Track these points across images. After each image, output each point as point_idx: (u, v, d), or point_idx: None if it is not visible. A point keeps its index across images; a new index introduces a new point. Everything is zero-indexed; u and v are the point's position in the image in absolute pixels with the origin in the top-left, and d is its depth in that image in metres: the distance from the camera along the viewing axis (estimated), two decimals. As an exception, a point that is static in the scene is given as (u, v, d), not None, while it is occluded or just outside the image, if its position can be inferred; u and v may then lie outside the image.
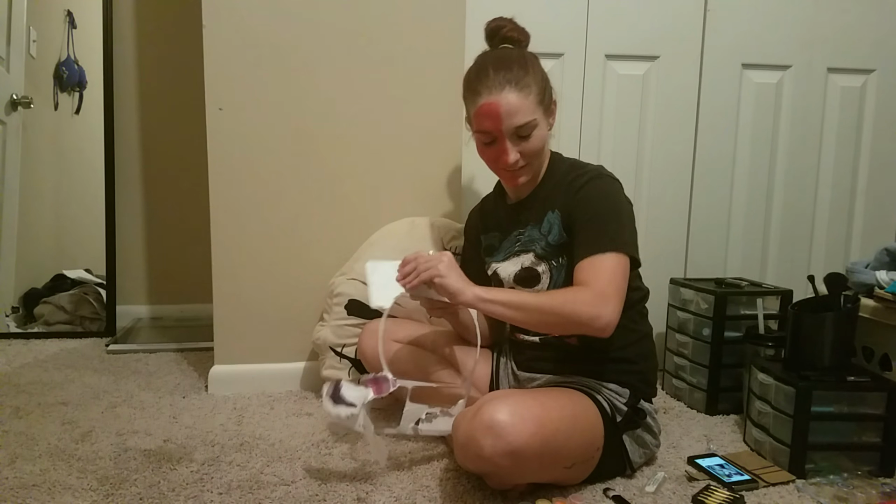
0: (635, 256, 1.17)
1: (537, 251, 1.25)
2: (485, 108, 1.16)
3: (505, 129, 1.16)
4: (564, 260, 1.22)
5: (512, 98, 1.15)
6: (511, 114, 1.15)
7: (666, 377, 1.73)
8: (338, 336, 1.53)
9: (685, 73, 1.78)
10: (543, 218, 1.25)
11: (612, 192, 1.19)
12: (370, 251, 1.59)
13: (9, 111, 2.17)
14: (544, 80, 1.21)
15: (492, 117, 1.16)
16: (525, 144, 1.18)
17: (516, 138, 1.18)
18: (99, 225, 2.24)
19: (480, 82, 1.18)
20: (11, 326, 2.17)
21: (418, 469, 1.21)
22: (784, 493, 1.16)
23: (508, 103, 1.15)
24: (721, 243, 1.86)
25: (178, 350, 2.01)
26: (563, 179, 1.24)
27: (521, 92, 1.15)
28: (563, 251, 1.21)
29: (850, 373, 1.26)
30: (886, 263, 1.40)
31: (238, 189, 1.61)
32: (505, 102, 1.15)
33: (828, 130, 1.87)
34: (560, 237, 1.21)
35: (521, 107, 1.15)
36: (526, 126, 1.16)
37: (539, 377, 1.29)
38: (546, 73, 1.23)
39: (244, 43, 1.57)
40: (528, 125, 1.16)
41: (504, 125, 1.16)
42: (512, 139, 1.18)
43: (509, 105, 1.15)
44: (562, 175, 1.25)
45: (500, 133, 1.17)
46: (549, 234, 1.23)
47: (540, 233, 1.25)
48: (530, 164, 1.22)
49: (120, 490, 1.10)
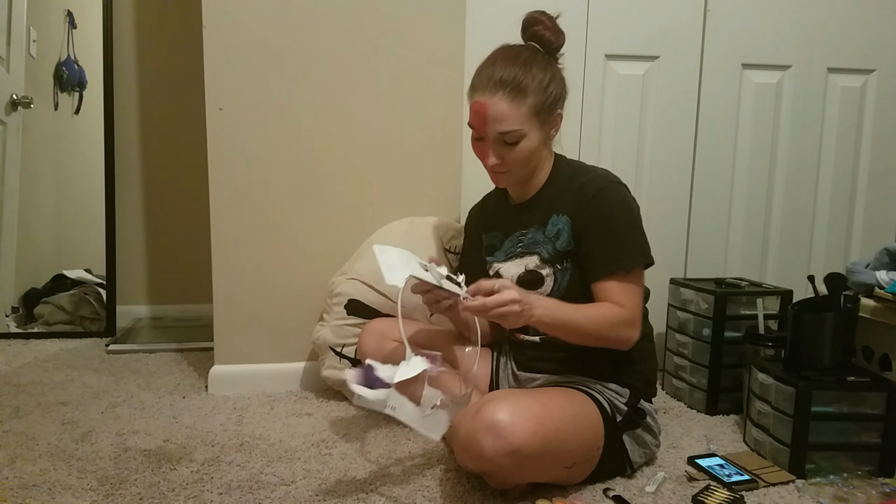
0: (650, 262, 1.19)
1: (543, 255, 1.24)
2: (475, 105, 1.17)
3: (489, 132, 1.16)
4: (569, 264, 1.22)
5: (502, 105, 1.14)
6: (497, 120, 1.14)
7: (666, 377, 1.73)
8: (338, 336, 1.53)
9: (685, 73, 1.78)
10: (547, 221, 1.24)
11: (626, 201, 1.20)
12: (370, 251, 1.58)
13: (9, 111, 2.17)
14: (549, 92, 1.17)
15: (479, 117, 1.16)
16: (508, 152, 1.17)
17: (501, 143, 1.17)
18: (99, 225, 2.24)
19: (480, 77, 1.18)
20: (11, 326, 2.17)
21: (418, 469, 1.21)
22: (784, 493, 1.16)
23: (497, 109, 1.14)
24: (721, 243, 1.86)
25: (178, 350, 2.01)
26: (570, 184, 1.23)
27: (513, 101, 1.14)
28: (568, 257, 1.21)
29: (850, 373, 1.26)
30: (886, 263, 1.40)
31: (238, 189, 1.61)
32: (494, 107, 1.14)
33: (828, 130, 1.87)
34: (568, 245, 1.21)
35: (508, 115, 1.14)
36: (511, 134, 1.15)
37: (539, 377, 1.29)
38: (562, 83, 1.20)
39: (244, 43, 1.57)
40: (513, 133, 1.15)
41: (489, 128, 1.16)
42: (496, 143, 1.17)
43: (498, 111, 1.14)
44: (567, 179, 1.24)
45: (485, 133, 1.17)
46: (557, 240, 1.22)
47: (544, 236, 1.25)
48: (510, 171, 1.21)
49: (120, 490, 1.10)
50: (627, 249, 1.17)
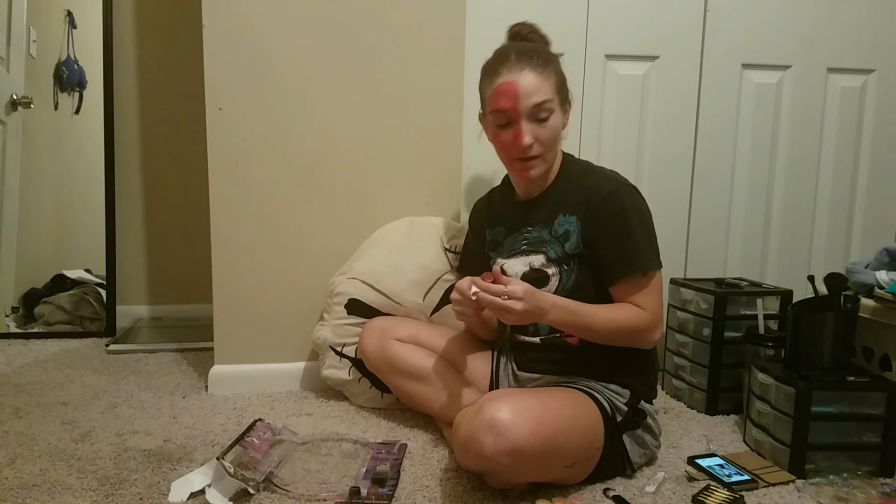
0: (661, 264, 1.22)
1: (550, 255, 1.24)
2: (503, 86, 1.17)
3: (522, 107, 1.16)
4: (575, 265, 1.22)
5: (531, 77, 1.16)
6: (529, 92, 1.16)
7: (666, 377, 1.73)
8: (338, 335, 1.53)
9: (685, 73, 1.78)
10: (554, 220, 1.24)
11: (639, 203, 1.21)
12: (370, 250, 1.59)
13: (9, 111, 2.17)
14: (563, 77, 1.23)
15: (509, 95, 1.16)
16: (540, 130, 1.18)
17: (532, 120, 1.18)
18: (99, 225, 2.24)
19: (500, 64, 1.19)
20: (11, 326, 2.17)
21: (418, 469, 1.21)
22: (784, 493, 1.16)
23: (528, 82, 1.16)
24: (721, 243, 1.86)
25: (178, 350, 2.01)
26: (579, 184, 1.23)
27: (541, 73, 1.17)
28: (576, 258, 1.21)
29: (850, 373, 1.26)
30: (886, 263, 1.40)
31: (238, 189, 1.61)
32: (524, 80, 1.16)
33: (828, 130, 1.87)
34: (577, 247, 1.21)
35: (539, 86, 1.16)
36: (543, 106, 1.17)
37: (539, 377, 1.29)
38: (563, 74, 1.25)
39: (244, 43, 1.57)
40: (545, 105, 1.17)
41: (521, 104, 1.16)
42: (528, 120, 1.18)
43: (529, 83, 1.16)
44: (576, 178, 1.25)
45: (516, 113, 1.17)
46: (567, 241, 1.22)
47: (550, 234, 1.24)
48: (543, 155, 1.21)
49: (120, 490, 1.10)
50: (643, 251, 1.18)
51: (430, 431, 1.40)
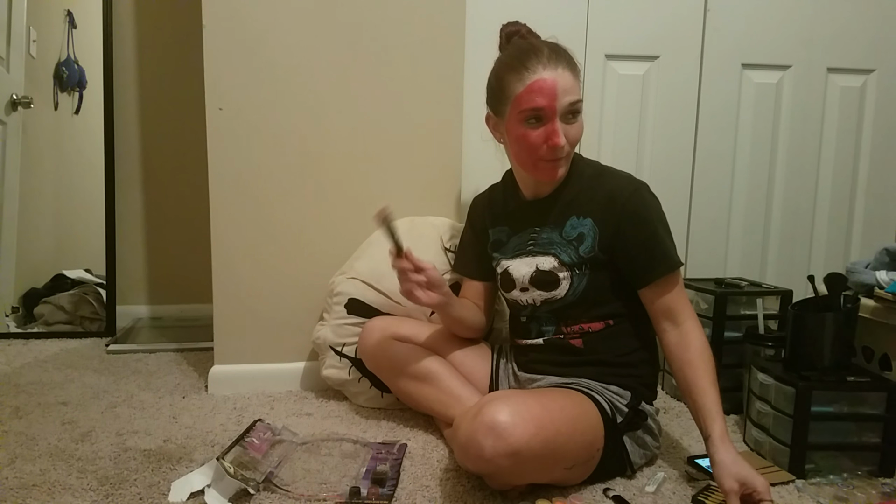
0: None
1: (562, 258, 1.22)
2: (539, 83, 1.14)
3: (559, 105, 1.14)
4: (588, 269, 1.20)
5: (567, 76, 1.15)
6: (567, 91, 1.14)
7: (666, 377, 1.73)
8: (338, 335, 1.53)
9: (685, 73, 1.78)
10: (566, 222, 1.23)
11: (658, 204, 1.21)
12: (370, 250, 1.59)
13: (9, 111, 2.17)
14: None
15: (546, 93, 1.13)
16: (570, 129, 1.17)
17: (565, 120, 1.16)
18: (99, 225, 2.24)
19: (532, 60, 1.15)
20: (11, 326, 2.17)
21: (418, 469, 1.21)
22: (784, 493, 1.16)
23: (566, 80, 1.14)
24: (721, 243, 1.86)
25: (178, 350, 2.01)
26: (593, 186, 1.22)
27: (574, 72, 1.17)
28: (589, 262, 1.20)
29: (850, 373, 1.26)
30: (886, 263, 1.40)
31: (238, 189, 1.61)
32: (562, 79, 1.14)
33: (828, 130, 1.87)
34: (592, 251, 1.20)
35: (574, 85, 1.16)
36: (577, 105, 1.16)
37: (540, 378, 1.29)
38: None
39: (244, 43, 1.57)
40: (578, 104, 1.16)
41: (559, 102, 1.14)
42: (562, 119, 1.16)
43: (566, 82, 1.14)
44: (588, 179, 1.23)
45: (552, 111, 1.14)
46: (581, 244, 1.21)
47: (561, 237, 1.23)
48: (569, 155, 1.21)
49: (120, 490, 1.10)
50: (671, 249, 1.18)
51: (430, 431, 1.40)
